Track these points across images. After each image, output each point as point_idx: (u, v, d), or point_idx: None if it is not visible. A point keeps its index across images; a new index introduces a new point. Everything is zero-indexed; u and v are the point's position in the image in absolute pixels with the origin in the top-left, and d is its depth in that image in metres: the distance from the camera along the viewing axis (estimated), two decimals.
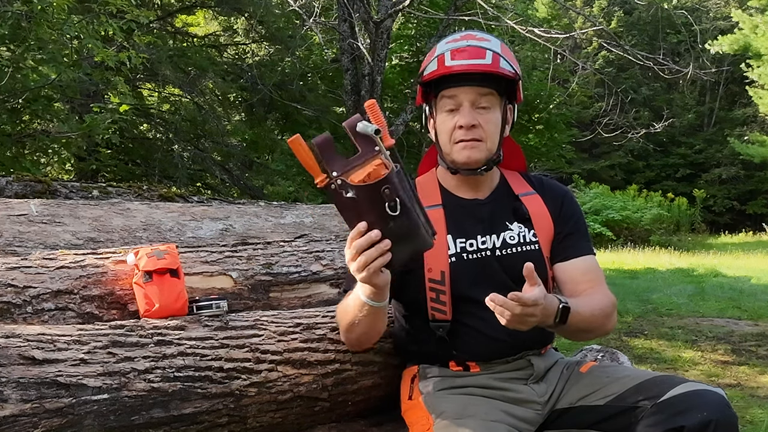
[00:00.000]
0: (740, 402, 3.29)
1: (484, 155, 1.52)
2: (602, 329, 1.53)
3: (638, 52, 8.49)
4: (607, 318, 1.51)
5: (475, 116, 1.50)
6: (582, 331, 1.48)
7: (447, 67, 1.49)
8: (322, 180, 1.21)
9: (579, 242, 1.59)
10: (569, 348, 4.10)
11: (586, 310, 1.45)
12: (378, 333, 1.52)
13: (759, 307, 5.97)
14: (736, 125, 23.05)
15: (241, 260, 1.85)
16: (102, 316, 1.57)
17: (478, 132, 1.50)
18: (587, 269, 1.57)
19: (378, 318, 1.45)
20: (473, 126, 1.49)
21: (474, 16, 7.68)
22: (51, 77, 4.56)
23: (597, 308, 1.49)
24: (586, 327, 1.47)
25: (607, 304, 1.52)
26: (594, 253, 1.62)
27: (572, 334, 1.52)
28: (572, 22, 20.64)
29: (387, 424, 1.71)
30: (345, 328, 1.51)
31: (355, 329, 1.47)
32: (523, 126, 12.25)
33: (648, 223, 14.98)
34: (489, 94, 1.51)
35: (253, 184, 9.16)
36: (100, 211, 2.08)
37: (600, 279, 1.59)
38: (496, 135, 1.53)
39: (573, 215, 1.62)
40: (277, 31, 8.88)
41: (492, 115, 1.52)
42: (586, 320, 1.44)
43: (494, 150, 1.54)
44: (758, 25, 16.26)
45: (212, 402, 1.43)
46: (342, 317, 1.51)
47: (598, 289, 1.55)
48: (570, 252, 1.57)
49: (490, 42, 1.53)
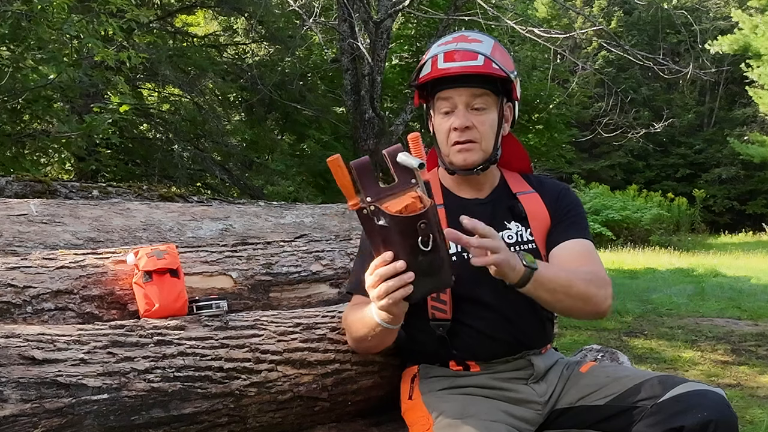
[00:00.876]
0: (740, 402, 3.29)
1: (479, 157, 1.53)
2: (588, 300, 1.42)
3: (638, 52, 8.49)
4: (590, 285, 1.42)
5: (470, 117, 1.50)
6: (561, 295, 1.39)
7: (439, 70, 1.49)
8: (355, 204, 1.21)
9: (570, 228, 1.56)
10: (569, 348, 4.10)
11: (562, 274, 1.40)
12: (388, 345, 1.53)
13: (759, 307, 5.97)
14: (735, 125, 23.05)
15: (241, 260, 1.85)
16: (102, 316, 1.57)
17: (473, 133, 1.51)
18: (576, 250, 1.52)
19: (391, 336, 1.45)
20: (467, 128, 1.50)
21: (474, 16, 7.68)
22: (51, 77, 4.56)
23: (579, 274, 1.43)
24: (565, 291, 1.39)
25: (594, 274, 1.45)
26: (590, 240, 1.56)
27: (554, 301, 1.41)
28: (572, 22, 20.65)
29: (387, 424, 1.71)
30: (355, 338, 1.51)
31: (365, 343, 1.48)
32: (522, 126, 12.24)
33: (648, 223, 14.98)
34: (483, 95, 1.51)
35: (253, 184, 9.16)
36: (100, 211, 2.08)
37: (591, 260, 1.51)
38: (491, 135, 1.53)
39: (569, 206, 1.60)
40: (277, 31, 8.87)
41: (487, 116, 1.52)
42: (563, 284, 1.38)
43: (490, 150, 1.54)
44: (758, 25, 16.26)
45: (212, 402, 1.43)
46: (352, 328, 1.50)
47: (587, 266, 1.49)
48: (561, 237, 1.54)
49: (482, 43, 1.52)
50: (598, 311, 1.46)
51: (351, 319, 1.51)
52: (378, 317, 1.34)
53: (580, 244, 1.54)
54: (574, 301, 1.42)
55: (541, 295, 1.38)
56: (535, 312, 1.54)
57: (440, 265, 1.22)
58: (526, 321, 1.53)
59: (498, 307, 1.50)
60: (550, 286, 1.37)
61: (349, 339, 1.56)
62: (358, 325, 1.46)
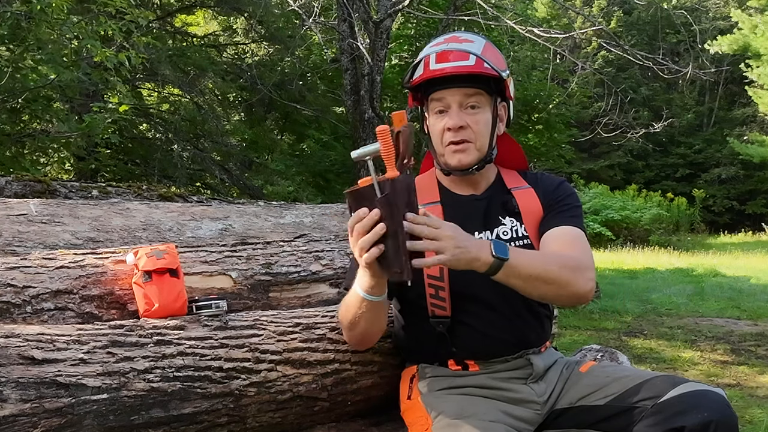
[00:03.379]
0: (740, 402, 3.29)
1: (474, 156, 1.53)
2: (564, 285, 1.40)
3: (638, 52, 8.49)
4: (565, 269, 1.40)
5: (464, 117, 1.50)
6: (537, 281, 1.37)
7: (431, 71, 1.49)
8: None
9: (559, 216, 1.54)
10: (569, 348, 4.10)
11: (537, 260, 1.39)
12: (380, 330, 1.53)
13: (758, 307, 5.97)
14: (735, 125, 23.07)
15: (241, 260, 1.85)
16: (101, 316, 1.57)
17: (467, 133, 1.51)
18: (562, 236, 1.50)
19: (378, 314, 1.45)
20: (461, 127, 1.50)
21: (473, 16, 7.68)
22: (50, 77, 4.56)
23: (556, 259, 1.41)
24: (539, 277, 1.37)
25: (573, 259, 1.44)
26: (580, 228, 1.54)
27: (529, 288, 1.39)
28: (572, 22, 20.64)
29: (386, 424, 1.71)
30: (347, 326, 1.51)
31: (357, 327, 1.48)
32: (522, 126, 12.24)
33: (647, 223, 14.99)
34: (476, 94, 1.51)
35: (253, 184, 9.17)
36: (99, 211, 2.08)
37: (576, 246, 1.48)
38: (486, 134, 1.53)
39: (562, 196, 1.59)
40: (276, 31, 8.88)
41: (481, 116, 1.52)
42: (538, 270, 1.37)
43: (485, 149, 1.54)
44: (758, 25, 16.27)
45: (212, 402, 1.43)
46: (344, 315, 1.51)
47: (571, 252, 1.47)
48: (550, 224, 1.53)
49: (473, 43, 1.52)
50: (578, 295, 1.42)
51: (342, 309, 1.52)
52: (362, 290, 1.36)
53: (567, 230, 1.52)
54: (549, 287, 1.40)
55: (514, 282, 1.36)
56: (534, 310, 1.54)
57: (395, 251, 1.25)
58: (525, 319, 1.53)
59: (497, 305, 1.50)
60: (523, 273, 1.35)
61: (344, 332, 1.56)
62: (347, 309, 1.46)
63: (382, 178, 1.26)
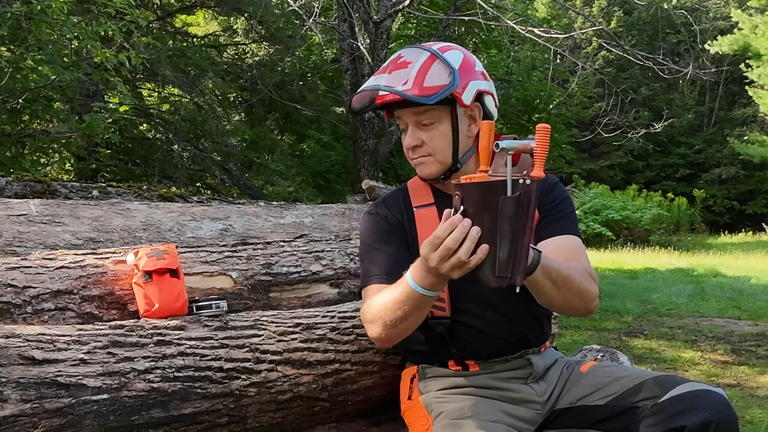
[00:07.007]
0: (740, 402, 3.29)
1: (435, 168, 1.53)
2: (582, 295, 1.40)
3: (638, 52, 8.50)
4: (584, 280, 1.41)
5: (419, 135, 1.51)
6: (563, 287, 1.36)
7: (380, 97, 1.49)
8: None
9: (555, 223, 1.54)
10: (569, 348, 4.10)
11: (561, 265, 1.38)
12: (420, 321, 1.45)
13: (759, 307, 5.96)
14: (735, 125, 23.05)
15: (241, 260, 1.85)
16: (102, 316, 1.57)
17: (425, 149, 1.52)
18: (564, 245, 1.50)
19: (428, 309, 1.41)
20: (417, 146, 1.52)
21: (474, 16, 7.69)
22: (51, 77, 4.56)
23: (575, 269, 1.41)
24: (565, 283, 1.36)
25: (585, 270, 1.44)
26: (578, 235, 1.55)
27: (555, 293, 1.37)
28: (572, 22, 20.66)
29: (387, 424, 1.72)
30: (389, 323, 1.41)
31: (402, 323, 1.39)
32: (522, 126, 12.25)
33: (648, 223, 14.98)
34: (426, 111, 1.49)
35: (253, 184, 9.17)
36: (99, 211, 2.08)
37: (580, 256, 1.49)
38: (444, 146, 1.51)
39: (556, 200, 1.58)
40: (276, 31, 8.88)
41: (436, 131, 1.51)
42: (564, 275, 1.36)
43: (448, 160, 1.53)
44: (758, 25, 16.25)
45: (212, 402, 1.43)
46: (383, 314, 1.41)
47: (577, 262, 1.47)
48: (547, 232, 1.53)
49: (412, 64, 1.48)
50: (588, 308, 1.45)
51: (377, 307, 1.43)
52: (421, 285, 1.29)
53: (569, 240, 1.52)
54: (572, 295, 1.39)
55: (545, 284, 1.34)
56: (533, 309, 1.54)
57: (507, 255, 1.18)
58: (525, 319, 1.53)
59: (497, 305, 1.50)
60: (554, 276, 1.35)
61: (380, 329, 1.44)
62: (390, 307, 1.38)
63: (521, 176, 1.19)
